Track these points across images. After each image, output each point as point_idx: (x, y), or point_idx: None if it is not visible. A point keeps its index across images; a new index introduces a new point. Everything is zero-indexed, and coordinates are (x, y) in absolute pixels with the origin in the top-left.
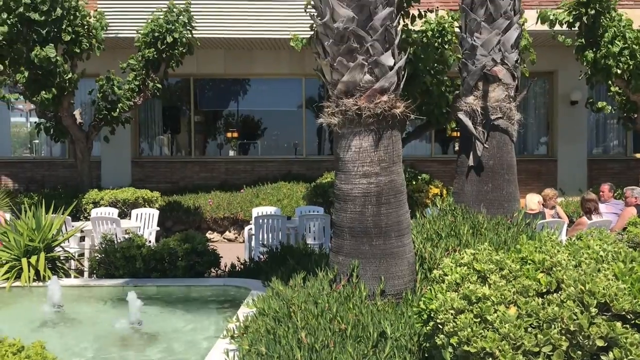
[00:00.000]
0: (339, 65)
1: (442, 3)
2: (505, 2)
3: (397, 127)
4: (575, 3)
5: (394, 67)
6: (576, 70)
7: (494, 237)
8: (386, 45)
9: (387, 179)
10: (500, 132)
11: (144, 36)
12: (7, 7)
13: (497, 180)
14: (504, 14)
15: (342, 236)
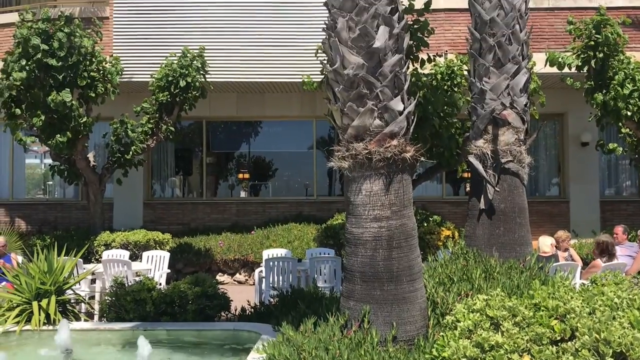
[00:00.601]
0: (349, 110)
1: (450, 47)
2: (513, 47)
3: (407, 170)
4: (584, 46)
5: (404, 112)
6: (586, 112)
7: (507, 282)
8: (395, 91)
9: (398, 222)
10: (511, 176)
11: (158, 80)
12: (26, 53)
13: (509, 223)
14: (512, 59)
15: (353, 281)
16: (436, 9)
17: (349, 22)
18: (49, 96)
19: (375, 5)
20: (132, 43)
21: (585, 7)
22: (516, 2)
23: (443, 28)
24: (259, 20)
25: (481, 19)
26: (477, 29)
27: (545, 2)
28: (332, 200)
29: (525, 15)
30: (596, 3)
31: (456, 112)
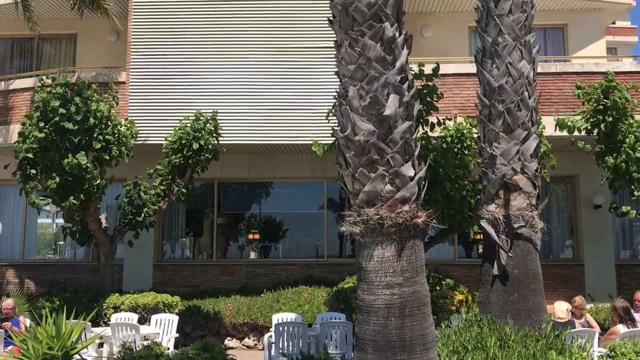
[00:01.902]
0: (361, 175)
1: (460, 110)
2: (523, 113)
3: (419, 236)
4: (593, 110)
5: (415, 177)
6: (598, 174)
7: (523, 351)
8: (406, 157)
9: (411, 289)
10: (524, 241)
11: (171, 143)
12: (44, 116)
13: (523, 289)
14: (521, 125)
15: (365, 350)
16: (445, 73)
17: (360, 91)
18: (65, 159)
19: (386, 74)
20: (147, 107)
21: (592, 71)
22: (524, 70)
23: (452, 92)
24: (271, 84)
25: (490, 86)
26: (486, 96)
27: (553, 67)
28: (343, 263)
29: (534, 82)
30: (604, 68)
31: (467, 175)
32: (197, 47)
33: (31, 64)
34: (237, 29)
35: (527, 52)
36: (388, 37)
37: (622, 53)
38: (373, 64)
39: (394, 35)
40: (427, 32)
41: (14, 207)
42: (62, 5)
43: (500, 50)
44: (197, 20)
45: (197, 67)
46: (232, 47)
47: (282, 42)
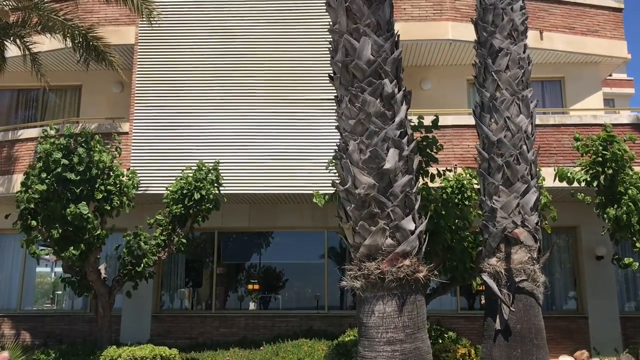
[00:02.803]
0: (361, 229)
1: (460, 161)
2: (522, 167)
3: (420, 291)
4: (592, 162)
5: (415, 231)
6: (599, 225)
7: None
8: (407, 210)
9: (412, 346)
10: (526, 295)
11: (172, 193)
12: (46, 167)
13: (526, 345)
14: (521, 179)
15: None
16: (444, 125)
17: (360, 145)
18: (67, 209)
19: (385, 129)
20: (149, 157)
21: (590, 123)
22: (522, 124)
23: (452, 143)
24: (272, 134)
25: (489, 140)
26: (485, 149)
27: (551, 119)
28: (343, 315)
29: (532, 136)
30: (602, 120)
31: (468, 226)
32: (200, 98)
33: (36, 114)
34: (239, 81)
35: (525, 106)
36: (387, 93)
37: (620, 104)
38: (373, 119)
39: (393, 91)
40: (427, 85)
41: (13, 256)
42: (68, 57)
43: (498, 105)
44: (200, 72)
45: (200, 117)
46: (234, 98)
47: (283, 93)
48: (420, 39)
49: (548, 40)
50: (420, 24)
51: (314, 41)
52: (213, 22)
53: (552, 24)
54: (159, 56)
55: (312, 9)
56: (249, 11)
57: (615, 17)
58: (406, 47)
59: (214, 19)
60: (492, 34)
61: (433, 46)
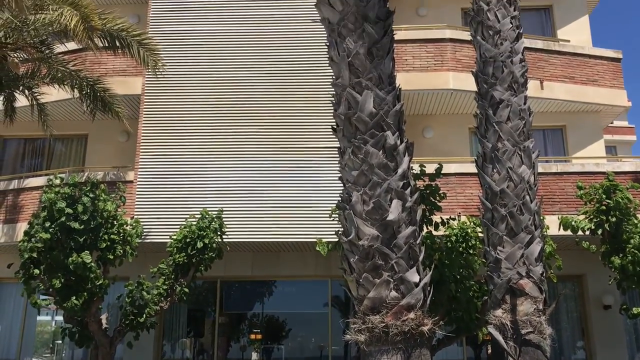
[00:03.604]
0: (365, 281)
1: (463, 209)
2: (525, 217)
3: (425, 344)
4: (595, 210)
5: (420, 283)
6: (605, 274)
7: None
8: (411, 262)
9: None
10: (533, 348)
11: (176, 242)
12: (50, 217)
13: None
14: (525, 229)
15: None
16: (447, 173)
17: (363, 196)
18: (69, 258)
19: (388, 180)
20: (154, 205)
21: (593, 171)
22: (525, 175)
23: (455, 191)
24: (275, 182)
25: (491, 190)
26: (488, 199)
27: (554, 167)
28: None
29: (535, 186)
30: (604, 168)
31: (473, 275)
32: (204, 147)
33: (42, 162)
34: (243, 130)
35: (527, 157)
36: (390, 145)
37: (622, 151)
38: (376, 171)
39: (395, 143)
40: (429, 133)
41: (14, 305)
42: (75, 108)
43: (500, 156)
44: (204, 121)
45: (204, 166)
46: (238, 146)
47: (287, 141)
48: (422, 89)
49: (549, 89)
50: (422, 75)
51: (318, 91)
52: (217, 72)
53: (552, 74)
54: (164, 106)
55: (316, 61)
56: (254, 61)
57: (614, 66)
58: (408, 97)
59: (218, 69)
60: (493, 86)
61: (435, 95)
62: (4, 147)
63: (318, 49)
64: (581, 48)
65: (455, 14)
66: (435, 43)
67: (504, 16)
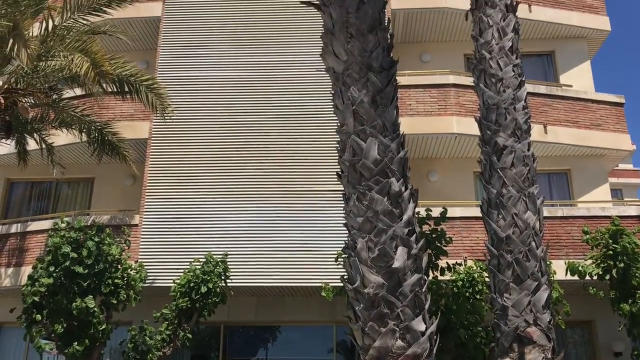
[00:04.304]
0: (370, 330)
1: (469, 253)
2: (532, 264)
3: None
4: (602, 256)
5: (426, 332)
6: (615, 320)
7: None
8: (417, 310)
9: None
10: None
11: (180, 286)
12: (55, 261)
13: None
14: (531, 276)
15: None
16: (452, 216)
17: (369, 243)
18: (73, 303)
19: (393, 227)
20: (158, 249)
21: (599, 215)
22: (530, 221)
23: (461, 235)
24: (280, 226)
25: (497, 236)
26: (494, 246)
27: (559, 211)
28: None
29: (540, 232)
30: (610, 212)
31: (480, 321)
32: (209, 191)
33: (48, 205)
34: (248, 174)
35: (532, 203)
36: (394, 192)
37: (628, 194)
38: (381, 217)
39: (400, 189)
40: (434, 177)
41: (15, 350)
42: (82, 151)
43: (505, 202)
44: (209, 165)
45: (209, 209)
46: (243, 190)
47: (292, 185)
48: (426, 133)
49: (552, 134)
50: (426, 119)
51: (323, 135)
52: (223, 116)
53: (555, 118)
54: (171, 149)
55: (320, 106)
56: (259, 106)
57: (617, 111)
58: (413, 140)
59: (224, 114)
60: (496, 132)
61: (439, 139)
62: (11, 190)
63: (323, 95)
64: (584, 93)
65: (458, 60)
66: (439, 88)
67: (506, 64)
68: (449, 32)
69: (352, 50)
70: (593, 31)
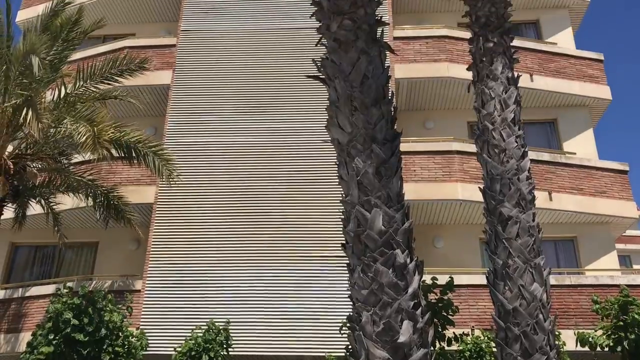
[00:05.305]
0: None
1: (476, 322)
2: (539, 337)
3: None
4: (613, 327)
5: None
6: None
7: None
8: None
9: None
10: None
11: (181, 355)
12: (55, 328)
13: None
14: (539, 349)
15: None
16: (459, 284)
17: (373, 316)
18: None
19: (399, 300)
20: (160, 315)
21: (607, 284)
22: (537, 293)
23: (467, 304)
24: (284, 294)
25: (504, 308)
26: (501, 318)
27: (567, 280)
28: None
29: (548, 304)
30: (618, 281)
31: None
32: (213, 257)
33: (51, 270)
34: (252, 240)
35: (538, 274)
36: (399, 264)
37: (636, 260)
38: (386, 290)
39: (405, 261)
40: (439, 243)
41: None
42: (87, 216)
43: (511, 273)
44: (214, 232)
45: (212, 275)
46: (247, 257)
47: (295, 253)
48: (431, 199)
49: (557, 200)
50: (431, 185)
51: (326, 202)
52: (228, 183)
53: (560, 185)
54: (176, 215)
55: (324, 172)
56: (264, 173)
57: (621, 178)
58: (418, 206)
59: (229, 180)
60: (501, 202)
61: (444, 206)
62: (14, 254)
63: (328, 162)
64: (587, 160)
65: (462, 127)
66: (443, 155)
67: (509, 135)
68: (452, 100)
69: (357, 122)
70: (594, 100)
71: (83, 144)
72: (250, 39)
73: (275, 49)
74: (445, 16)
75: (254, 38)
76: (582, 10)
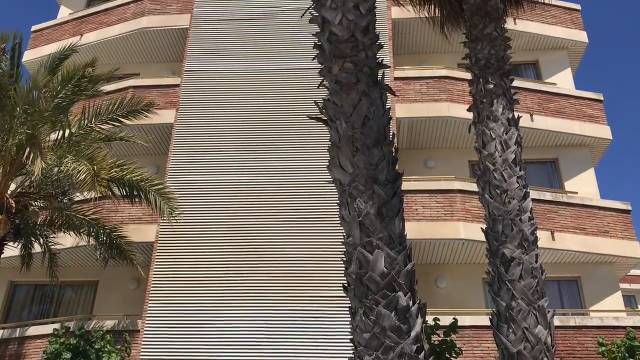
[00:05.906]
0: None
1: None
2: None
3: None
4: None
5: None
6: None
7: None
8: None
9: None
10: None
11: None
12: None
13: None
14: None
15: None
16: (462, 325)
17: None
18: None
19: (401, 344)
20: (159, 356)
21: (613, 325)
22: (541, 336)
23: (471, 345)
24: (284, 335)
25: (508, 352)
26: None
27: (571, 320)
28: None
29: (553, 347)
30: (624, 322)
31: None
32: (213, 297)
33: (49, 309)
34: (254, 281)
35: (542, 316)
36: (402, 307)
37: None
38: (388, 333)
39: (407, 304)
40: (442, 283)
41: None
42: (88, 255)
43: (515, 315)
44: (214, 272)
45: (212, 316)
46: (247, 298)
47: (296, 294)
48: (433, 238)
49: (560, 240)
50: (433, 224)
51: (328, 245)
52: (229, 222)
53: (562, 225)
54: (176, 254)
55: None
56: (265, 214)
57: (624, 218)
58: (420, 245)
59: (230, 219)
60: (503, 243)
61: (446, 245)
62: (13, 293)
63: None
64: (589, 200)
65: (463, 166)
66: (445, 194)
67: (510, 176)
68: (453, 139)
69: (358, 163)
70: (595, 139)
71: (82, 181)
72: (253, 79)
73: (277, 90)
74: (446, 57)
75: (256, 79)
76: (580, 51)
